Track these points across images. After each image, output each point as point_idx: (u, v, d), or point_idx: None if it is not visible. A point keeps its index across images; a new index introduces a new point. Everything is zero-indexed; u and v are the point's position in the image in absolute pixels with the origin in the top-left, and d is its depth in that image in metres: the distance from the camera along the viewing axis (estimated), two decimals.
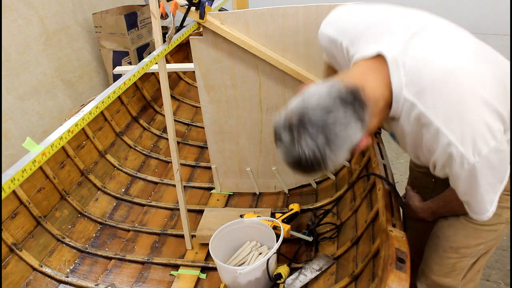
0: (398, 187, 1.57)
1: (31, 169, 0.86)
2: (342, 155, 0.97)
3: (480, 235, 1.33)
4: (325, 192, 2.14)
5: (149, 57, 1.38)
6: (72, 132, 1.00)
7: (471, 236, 1.34)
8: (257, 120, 2.02)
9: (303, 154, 0.94)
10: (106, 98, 1.13)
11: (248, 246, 1.75)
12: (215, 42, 1.82)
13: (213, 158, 2.17)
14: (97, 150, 2.29)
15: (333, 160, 0.96)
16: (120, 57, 3.78)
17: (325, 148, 0.93)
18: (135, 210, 2.16)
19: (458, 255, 1.38)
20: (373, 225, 1.52)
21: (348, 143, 0.96)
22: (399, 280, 1.01)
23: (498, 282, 2.10)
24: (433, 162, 1.06)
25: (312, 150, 0.93)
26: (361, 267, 1.42)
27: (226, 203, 2.19)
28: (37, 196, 1.86)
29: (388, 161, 1.68)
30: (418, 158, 1.16)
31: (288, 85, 1.89)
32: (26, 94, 3.18)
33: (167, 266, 1.81)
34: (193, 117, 2.96)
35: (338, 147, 0.94)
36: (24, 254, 1.70)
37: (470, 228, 1.33)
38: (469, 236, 1.34)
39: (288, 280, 1.60)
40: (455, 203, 1.20)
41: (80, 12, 3.74)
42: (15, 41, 3.09)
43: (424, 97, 0.98)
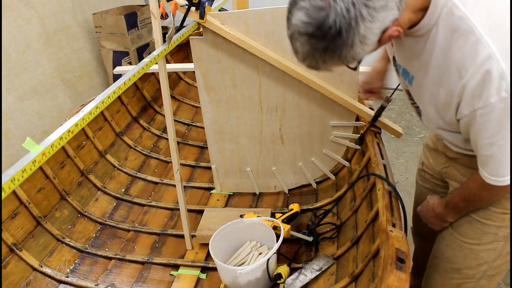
0: (398, 187, 1.57)
1: (31, 169, 0.86)
2: (375, 30, 0.83)
3: (478, 256, 1.29)
4: (325, 192, 2.14)
5: (149, 57, 1.38)
6: (72, 132, 1.00)
7: (469, 257, 1.31)
8: (257, 120, 2.02)
9: (333, 10, 0.78)
10: (106, 98, 1.13)
11: (248, 246, 1.75)
12: (215, 42, 1.82)
13: (213, 158, 2.17)
14: (97, 150, 2.29)
15: (363, 31, 0.81)
16: (120, 57, 3.78)
17: (361, 6, 0.78)
18: (135, 210, 2.16)
19: (460, 275, 1.34)
20: (373, 225, 1.52)
21: (383, 16, 0.82)
22: (399, 280, 1.01)
23: (498, 282, 2.10)
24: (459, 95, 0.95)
25: (347, 6, 0.78)
26: (361, 267, 1.42)
27: (226, 203, 2.19)
28: (37, 196, 1.86)
29: (388, 161, 1.68)
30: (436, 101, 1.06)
31: (288, 85, 1.89)
32: (26, 94, 3.18)
33: (167, 266, 1.81)
34: (193, 117, 2.96)
35: (375, 11, 0.80)
36: (24, 254, 1.70)
37: (466, 249, 1.30)
38: (468, 257, 1.31)
39: (288, 280, 1.60)
40: (474, 190, 1.16)
41: (80, 12, 3.74)
42: (15, 41, 3.09)
43: (468, 1, 0.89)
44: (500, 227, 1.23)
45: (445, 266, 1.37)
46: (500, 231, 1.23)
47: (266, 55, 1.78)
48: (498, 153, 0.98)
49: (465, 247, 1.30)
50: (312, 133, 2.02)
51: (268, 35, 1.77)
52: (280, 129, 2.03)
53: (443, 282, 1.39)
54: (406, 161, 3.10)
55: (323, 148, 2.06)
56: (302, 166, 2.13)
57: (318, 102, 1.92)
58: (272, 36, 1.77)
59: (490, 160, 1.02)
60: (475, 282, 1.33)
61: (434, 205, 1.35)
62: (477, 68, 0.88)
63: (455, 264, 1.35)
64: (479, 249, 1.28)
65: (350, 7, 0.78)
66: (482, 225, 1.24)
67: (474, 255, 1.29)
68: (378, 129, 1.91)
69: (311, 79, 1.82)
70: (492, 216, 1.22)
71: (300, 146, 2.07)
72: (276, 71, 1.85)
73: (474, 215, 1.26)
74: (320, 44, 0.84)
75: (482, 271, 1.31)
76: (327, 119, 1.96)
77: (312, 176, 2.16)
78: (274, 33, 1.76)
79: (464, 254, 1.31)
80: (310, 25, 0.81)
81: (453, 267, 1.35)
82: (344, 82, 1.85)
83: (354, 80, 1.84)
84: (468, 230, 1.28)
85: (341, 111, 1.92)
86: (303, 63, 0.91)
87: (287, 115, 1.98)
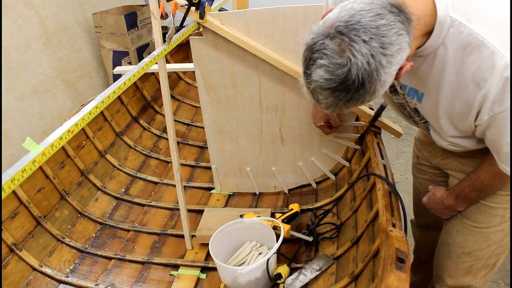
0: (398, 187, 1.58)
1: (31, 169, 0.86)
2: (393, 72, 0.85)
3: (488, 238, 1.34)
4: (325, 192, 2.14)
5: (149, 57, 1.38)
6: (72, 132, 1.00)
7: (480, 240, 1.36)
8: (257, 120, 2.02)
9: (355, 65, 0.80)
10: (106, 98, 1.13)
11: (248, 246, 1.75)
12: (215, 42, 1.82)
13: (213, 158, 2.17)
14: (97, 150, 2.29)
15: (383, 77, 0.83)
16: (120, 57, 3.78)
17: (380, 56, 0.80)
18: (135, 210, 2.16)
19: (471, 258, 1.40)
20: (373, 225, 1.52)
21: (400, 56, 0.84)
22: (399, 280, 1.01)
23: (498, 282, 2.10)
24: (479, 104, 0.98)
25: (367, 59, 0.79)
26: (361, 267, 1.42)
27: (226, 203, 2.19)
28: (37, 196, 1.86)
29: (388, 161, 1.68)
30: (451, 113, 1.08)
31: (288, 85, 1.89)
32: (26, 94, 3.18)
33: (167, 266, 1.81)
34: (193, 117, 2.96)
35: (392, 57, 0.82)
36: (24, 254, 1.70)
37: (477, 233, 1.35)
38: (479, 240, 1.36)
39: (288, 280, 1.60)
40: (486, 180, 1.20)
41: (80, 12, 3.74)
42: (15, 41, 3.09)
43: (473, 17, 0.91)
44: (506, 209, 1.29)
45: (457, 251, 1.42)
46: (507, 212, 1.29)
47: (266, 55, 1.78)
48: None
49: (475, 231, 1.35)
50: (312, 133, 2.02)
51: (268, 35, 1.77)
52: (280, 129, 2.03)
53: (455, 266, 1.44)
54: (406, 161, 3.10)
55: (323, 148, 2.06)
56: (302, 166, 2.13)
57: None
58: (272, 36, 1.77)
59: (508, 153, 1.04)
60: (485, 261, 1.40)
61: (442, 197, 1.39)
62: (497, 77, 0.91)
63: (466, 249, 1.40)
64: (489, 232, 1.33)
65: (370, 59, 0.80)
66: (490, 209, 1.30)
67: (484, 238, 1.35)
68: (378, 129, 1.91)
69: None
70: (499, 199, 1.27)
71: (300, 146, 2.07)
72: (276, 71, 1.85)
73: (482, 200, 1.31)
74: (344, 96, 0.85)
75: (491, 251, 1.37)
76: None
77: (312, 176, 2.16)
78: (274, 33, 1.76)
79: (475, 238, 1.36)
80: (333, 81, 0.83)
81: (465, 251, 1.40)
82: None
83: None
84: (478, 215, 1.33)
85: None
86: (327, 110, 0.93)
87: (287, 115, 1.98)
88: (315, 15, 1.69)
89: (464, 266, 1.43)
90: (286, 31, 1.75)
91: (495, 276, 2.12)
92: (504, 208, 1.29)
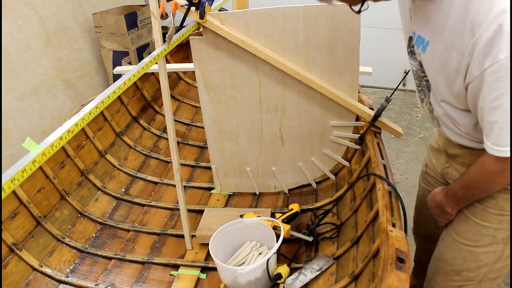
0: (398, 187, 1.57)
1: (31, 169, 0.86)
2: None
3: (478, 258, 1.28)
4: (325, 192, 2.14)
5: (149, 57, 1.38)
6: (72, 132, 1.00)
7: (468, 260, 1.30)
8: (257, 120, 2.02)
9: None
10: (106, 98, 1.13)
11: (248, 246, 1.75)
12: (215, 42, 1.82)
13: (213, 158, 2.17)
14: (97, 150, 2.29)
15: None
16: (120, 57, 3.78)
17: None
18: (135, 210, 2.16)
19: (461, 278, 1.34)
20: (373, 225, 1.52)
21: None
22: (399, 280, 1.01)
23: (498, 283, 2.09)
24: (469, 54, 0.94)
25: None
26: (361, 267, 1.42)
27: (226, 203, 2.19)
28: (37, 196, 1.87)
29: (388, 161, 1.68)
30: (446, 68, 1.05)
31: (288, 85, 1.89)
32: (26, 94, 3.18)
33: (167, 266, 1.81)
34: (193, 117, 2.96)
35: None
36: (24, 254, 1.70)
37: (465, 251, 1.30)
38: (467, 259, 1.30)
39: (288, 280, 1.60)
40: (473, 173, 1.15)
41: (80, 12, 3.74)
42: (15, 41, 3.09)
43: None
44: (498, 229, 1.22)
45: (445, 268, 1.37)
46: (498, 233, 1.23)
47: (266, 55, 1.78)
48: (502, 118, 0.96)
49: (464, 249, 1.30)
50: (312, 133, 2.02)
51: (268, 35, 1.77)
52: (280, 129, 2.03)
53: (444, 284, 1.39)
54: (406, 161, 3.10)
55: (323, 148, 2.06)
56: (302, 166, 2.13)
57: (318, 102, 1.92)
58: (272, 36, 1.77)
59: (494, 126, 0.99)
60: (476, 284, 1.33)
61: (436, 193, 1.35)
62: (490, 23, 0.87)
63: (455, 266, 1.34)
64: (478, 252, 1.27)
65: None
66: (480, 227, 1.25)
67: (473, 258, 1.29)
68: (378, 129, 1.91)
69: (311, 79, 1.82)
70: (489, 217, 1.22)
71: (300, 146, 2.07)
72: (276, 71, 1.85)
73: (471, 216, 1.26)
74: None
75: (482, 273, 1.30)
76: (327, 119, 1.96)
77: (312, 176, 2.16)
78: (274, 33, 1.76)
79: (464, 256, 1.31)
80: None
81: (453, 269, 1.35)
82: (344, 82, 1.85)
83: (354, 80, 1.84)
84: (467, 232, 1.28)
85: (341, 111, 1.92)
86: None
87: (287, 115, 1.98)
88: (315, 15, 1.69)
89: (453, 285, 1.37)
90: (286, 31, 1.75)
91: None
92: (495, 228, 1.23)
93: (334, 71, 1.82)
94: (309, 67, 1.83)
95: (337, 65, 1.80)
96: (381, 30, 4.01)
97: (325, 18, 1.70)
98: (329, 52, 1.78)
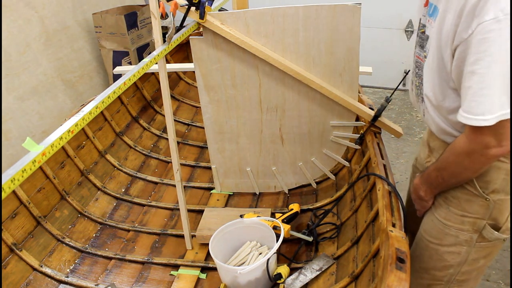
0: (398, 187, 1.57)
1: (31, 169, 0.86)
2: None
3: (442, 257, 1.29)
4: (325, 192, 2.14)
5: (149, 57, 1.38)
6: (72, 132, 1.00)
7: (434, 258, 1.32)
8: (257, 120, 2.02)
9: None
10: (106, 98, 1.13)
11: (248, 246, 1.75)
12: (215, 42, 1.82)
13: (213, 158, 2.17)
14: (97, 150, 2.29)
15: None
16: (120, 57, 3.78)
17: None
18: (135, 210, 2.16)
19: (429, 276, 1.36)
20: (373, 225, 1.52)
21: None
22: (399, 280, 1.01)
23: (498, 282, 2.10)
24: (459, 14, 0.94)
25: None
26: (361, 267, 1.42)
27: (226, 203, 2.19)
28: (37, 196, 1.86)
29: (388, 161, 1.69)
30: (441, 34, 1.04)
31: (288, 85, 1.89)
32: (26, 94, 3.18)
33: (167, 266, 1.81)
34: (193, 117, 2.96)
35: None
36: (24, 254, 1.70)
37: (431, 249, 1.31)
38: (432, 257, 1.32)
39: (288, 280, 1.60)
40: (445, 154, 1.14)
41: (80, 12, 3.74)
42: (15, 41, 3.09)
43: None
44: (460, 230, 1.24)
45: (415, 265, 1.37)
46: (461, 235, 1.24)
47: (266, 55, 1.78)
48: (476, 84, 0.94)
49: (430, 246, 1.32)
50: (312, 133, 2.02)
51: (268, 35, 1.77)
52: (280, 129, 2.03)
53: (415, 281, 1.39)
54: (406, 161, 3.10)
55: (323, 148, 2.06)
56: (302, 166, 2.13)
57: (318, 102, 1.92)
58: (272, 36, 1.77)
59: (468, 92, 0.97)
60: (444, 285, 1.34)
61: (415, 179, 1.35)
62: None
63: (422, 263, 1.36)
64: (442, 250, 1.29)
65: None
66: (443, 226, 1.27)
67: (438, 256, 1.31)
68: (378, 129, 1.91)
69: (311, 79, 1.82)
70: (452, 217, 1.24)
71: (300, 146, 2.07)
72: (276, 71, 1.85)
73: (437, 214, 1.29)
74: None
75: (449, 274, 1.31)
76: (327, 119, 1.96)
77: (312, 176, 2.16)
78: (274, 33, 1.76)
79: (429, 254, 1.33)
80: None
81: (421, 266, 1.37)
82: (344, 82, 1.85)
83: (354, 80, 1.84)
84: (432, 230, 1.31)
85: (341, 111, 1.92)
86: None
87: (287, 115, 1.98)
88: (315, 15, 1.69)
89: (423, 283, 1.38)
90: (286, 31, 1.75)
91: (495, 276, 2.12)
92: (457, 228, 1.24)
93: (334, 71, 1.82)
94: (309, 67, 1.83)
95: (337, 65, 1.80)
96: (381, 30, 4.01)
97: (325, 18, 1.70)
98: (329, 52, 1.78)
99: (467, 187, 1.19)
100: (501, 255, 2.24)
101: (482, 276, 2.10)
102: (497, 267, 2.17)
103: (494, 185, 1.15)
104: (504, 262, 2.20)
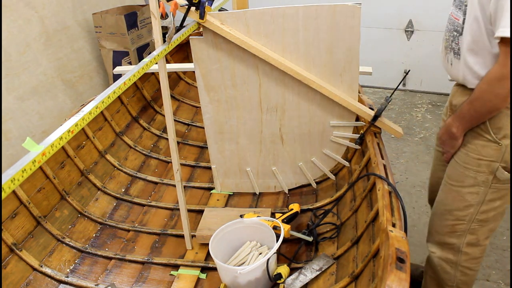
0: (398, 187, 1.58)
1: (31, 169, 0.86)
2: None
3: (464, 198, 1.47)
4: (325, 192, 2.14)
5: (149, 57, 1.38)
6: (72, 132, 1.00)
7: (457, 199, 1.50)
8: (257, 120, 2.02)
9: None
10: (106, 98, 1.13)
11: (248, 246, 1.75)
12: (215, 42, 1.82)
13: (213, 158, 2.17)
14: (97, 150, 2.29)
15: None
16: (120, 57, 3.78)
17: None
18: (135, 210, 2.16)
19: (453, 217, 1.53)
20: (373, 225, 1.52)
21: None
22: (399, 280, 1.01)
23: (498, 282, 2.10)
24: None
25: None
26: (361, 267, 1.42)
27: (226, 203, 2.19)
28: (37, 196, 1.87)
29: (388, 161, 1.69)
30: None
31: (288, 85, 1.89)
32: (26, 94, 3.18)
33: (167, 266, 1.81)
34: (193, 117, 2.97)
35: None
36: (24, 254, 1.70)
37: (454, 191, 1.50)
38: (455, 198, 1.50)
39: (288, 280, 1.60)
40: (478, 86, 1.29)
41: (80, 12, 3.74)
42: (15, 41, 3.09)
43: None
44: (478, 172, 1.42)
45: (441, 208, 1.57)
46: (479, 176, 1.42)
47: (266, 55, 1.78)
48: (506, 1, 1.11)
49: (453, 189, 1.50)
50: (312, 133, 2.02)
51: (268, 35, 1.77)
52: (280, 129, 2.03)
53: (440, 223, 1.59)
54: (406, 161, 3.10)
55: (323, 148, 2.06)
56: (302, 166, 2.13)
57: (318, 102, 1.92)
58: (272, 36, 1.77)
59: (504, 10, 1.13)
60: (466, 224, 1.51)
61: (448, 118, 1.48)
62: None
63: (446, 206, 1.54)
64: (463, 192, 1.47)
65: None
66: (463, 169, 1.46)
67: (460, 197, 1.49)
68: (378, 129, 1.91)
69: (311, 79, 1.82)
70: (470, 161, 1.43)
71: (300, 146, 2.07)
72: (276, 71, 1.85)
73: (457, 159, 1.47)
74: None
75: (470, 214, 1.49)
76: (327, 119, 1.96)
77: (312, 176, 2.16)
78: (274, 33, 1.76)
79: (452, 196, 1.51)
80: None
81: (446, 208, 1.55)
82: (344, 82, 1.85)
83: (354, 80, 1.84)
84: (454, 173, 1.50)
85: (341, 111, 1.92)
86: None
87: (287, 115, 1.98)
88: (315, 15, 1.69)
89: (447, 224, 1.55)
90: (286, 31, 1.75)
91: (495, 276, 2.12)
92: (475, 170, 1.41)
93: (334, 71, 1.82)
94: (309, 67, 1.83)
95: (337, 65, 1.81)
96: (381, 30, 4.01)
97: (325, 18, 1.70)
98: (329, 52, 1.78)
99: (482, 133, 1.38)
100: (501, 255, 2.24)
101: (482, 276, 2.10)
102: (497, 267, 2.17)
103: (506, 131, 1.33)
104: (504, 262, 2.20)
